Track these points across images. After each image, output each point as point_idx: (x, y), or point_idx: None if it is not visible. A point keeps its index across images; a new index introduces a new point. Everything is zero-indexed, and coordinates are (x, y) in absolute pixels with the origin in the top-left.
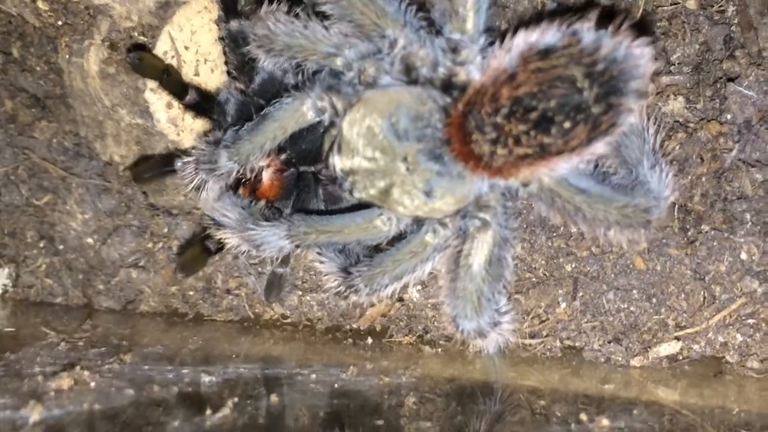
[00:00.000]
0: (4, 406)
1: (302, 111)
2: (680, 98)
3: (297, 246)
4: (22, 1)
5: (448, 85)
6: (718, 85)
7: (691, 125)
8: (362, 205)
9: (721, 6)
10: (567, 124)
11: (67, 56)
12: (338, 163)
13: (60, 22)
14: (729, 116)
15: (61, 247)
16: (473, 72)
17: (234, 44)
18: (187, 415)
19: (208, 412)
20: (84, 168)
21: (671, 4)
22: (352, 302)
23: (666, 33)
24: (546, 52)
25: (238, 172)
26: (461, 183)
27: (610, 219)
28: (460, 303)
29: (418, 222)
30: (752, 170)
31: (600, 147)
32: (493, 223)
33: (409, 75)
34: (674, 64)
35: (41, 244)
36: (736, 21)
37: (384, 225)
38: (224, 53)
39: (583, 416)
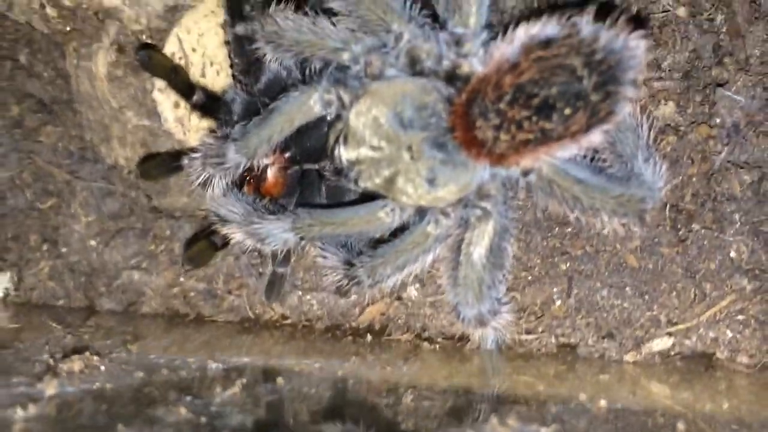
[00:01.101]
0: (19, 384)
1: (309, 104)
2: (671, 103)
3: (301, 238)
4: (30, 7)
5: (451, 77)
6: (707, 91)
7: (682, 128)
8: (365, 201)
9: (710, 14)
10: (567, 111)
11: (75, 61)
12: (344, 153)
13: (68, 28)
14: (718, 120)
15: (64, 250)
16: (476, 64)
17: (240, 47)
18: (198, 391)
19: (218, 389)
20: (89, 171)
21: (662, 12)
22: (352, 298)
23: (657, 41)
24: (547, 43)
25: (245, 165)
26: (464, 171)
27: (606, 208)
28: (461, 290)
29: (421, 213)
30: (740, 172)
31: (598, 135)
32: (494, 212)
33: (414, 67)
34: (665, 71)
35: (44, 248)
36: (724, 29)
37: (387, 216)
38: (230, 56)
39: (582, 396)
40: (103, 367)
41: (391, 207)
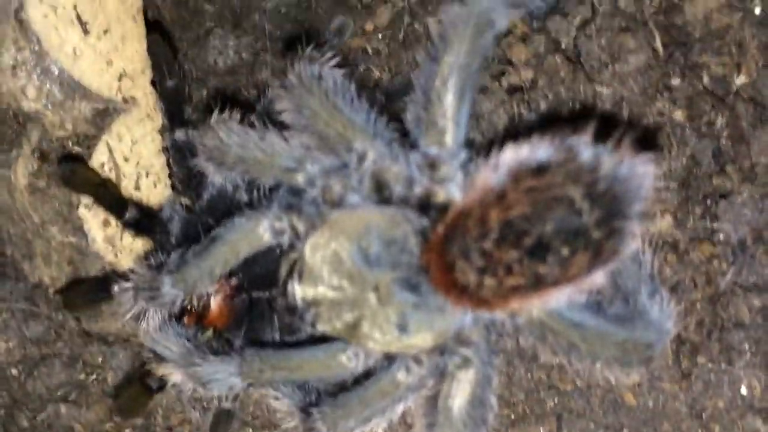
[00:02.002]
0: None
1: (257, 233)
2: (668, 216)
3: (249, 385)
4: None
5: (425, 206)
6: (708, 202)
7: (682, 246)
8: (324, 337)
9: (710, 117)
10: (565, 251)
11: None
12: (299, 292)
13: None
14: (722, 236)
15: None
16: (453, 191)
17: (179, 156)
18: None
19: None
20: (9, 290)
21: (657, 114)
22: None
23: (652, 147)
24: (539, 170)
25: (183, 300)
26: (441, 316)
27: (608, 355)
28: None
29: (390, 357)
30: (749, 295)
31: (600, 277)
32: (476, 360)
33: (381, 193)
34: (661, 180)
35: None
36: (725, 134)
37: (350, 361)
38: (168, 165)
39: None
40: None
41: (355, 351)
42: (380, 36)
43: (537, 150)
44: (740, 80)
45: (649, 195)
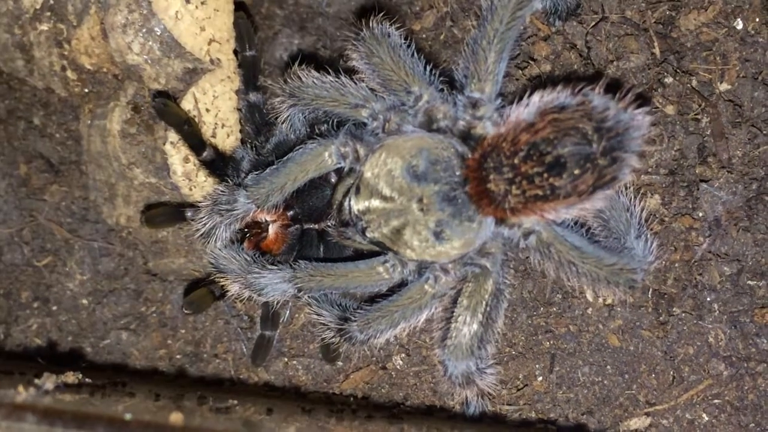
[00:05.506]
0: None
1: (324, 156)
2: (656, 196)
3: (299, 290)
4: (51, 70)
5: (466, 136)
6: (691, 187)
7: (667, 219)
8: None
9: (696, 114)
10: (576, 171)
11: (89, 121)
12: (354, 204)
13: (86, 90)
14: (701, 213)
15: (54, 308)
16: (489, 127)
17: (250, 114)
18: None
19: None
20: (89, 231)
21: (652, 108)
22: (338, 365)
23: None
24: (561, 108)
25: (254, 213)
26: (470, 227)
27: (600, 275)
28: (450, 343)
29: (421, 270)
30: (720, 263)
31: (600, 200)
32: (493, 271)
33: (430, 126)
34: (652, 167)
35: (35, 305)
36: (709, 132)
37: (386, 272)
38: (240, 122)
39: None
40: None
41: (392, 263)
42: (425, 36)
43: (560, 95)
44: (723, 86)
45: (646, 137)
